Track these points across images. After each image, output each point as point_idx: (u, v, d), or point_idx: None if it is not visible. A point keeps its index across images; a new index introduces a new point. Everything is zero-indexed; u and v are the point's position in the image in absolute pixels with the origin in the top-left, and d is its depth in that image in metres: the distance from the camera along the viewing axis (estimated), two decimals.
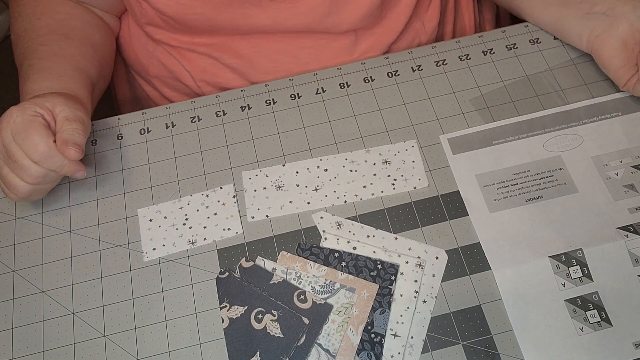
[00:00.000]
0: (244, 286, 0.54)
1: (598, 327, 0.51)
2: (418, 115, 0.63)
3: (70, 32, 0.65)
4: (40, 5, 0.65)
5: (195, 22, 0.64)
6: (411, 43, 0.72)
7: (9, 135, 0.53)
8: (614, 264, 0.53)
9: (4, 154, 0.54)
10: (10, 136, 0.53)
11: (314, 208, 0.58)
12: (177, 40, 0.69)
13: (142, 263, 0.57)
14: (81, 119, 0.55)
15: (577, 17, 0.63)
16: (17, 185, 0.54)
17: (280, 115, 0.64)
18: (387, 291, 0.53)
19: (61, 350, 0.53)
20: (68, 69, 0.61)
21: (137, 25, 0.73)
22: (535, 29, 0.68)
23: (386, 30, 0.69)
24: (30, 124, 0.53)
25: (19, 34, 0.64)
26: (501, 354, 0.51)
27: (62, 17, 0.65)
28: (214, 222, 0.58)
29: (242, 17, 0.64)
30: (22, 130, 0.52)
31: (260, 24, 0.65)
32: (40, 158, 0.52)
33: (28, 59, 0.61)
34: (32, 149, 0.52)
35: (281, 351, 0.51)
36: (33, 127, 0.52)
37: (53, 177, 0.55)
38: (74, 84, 0.61)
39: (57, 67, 0.61)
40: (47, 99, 0.55)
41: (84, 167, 0.56)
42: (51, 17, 0.64)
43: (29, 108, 0.53)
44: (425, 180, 0.59)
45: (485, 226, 0.56)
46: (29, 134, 0.52)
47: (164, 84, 0.76)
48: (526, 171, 0.59)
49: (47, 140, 0.52)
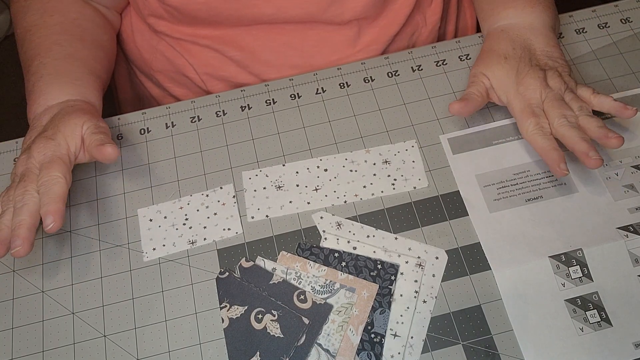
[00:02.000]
0: (244, 286, 0.54)
1: (598, 327, 0.51)
2: (418, 115, 0.63)
3: (82, 33, 0.65)
4: (51, 2, 0.64)
5: (198, 12, 0.64)
6: (411, 37, 0.72)
7: (36, 165, 0.54)
8: (614, 264, 0.53)
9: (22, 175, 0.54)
10: (38, 166, 0.53)
11: (314, 208, 0.58)
12: (180, 32, 0.69)
13: (142, 263, 0.57)
14: (104, 130, 0.57)
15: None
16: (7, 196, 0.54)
17: (280, 115, 0.64)
18: (387, 291, 0.53)
19: (61, 350, 0.53)
20: (83, 73, 0.62)
21: (139, 19, 0.73)
22: None
23: (389, 22, 0.69)
24: (58, 159, 0.54)
25: (27, 29, 0.63)
26: (501, 354, 0.51)
27: (74, 17, 0.65)
28: (214, 222, 0.58)
29: (246, 6, 0.64)
30: (47, 162, 0.53)
31: (263, 13, 0.65)
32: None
33: (40, 56, 0.61)
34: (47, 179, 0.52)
35: (281, 351, 0.51)
36: (56, 162, 0.53)
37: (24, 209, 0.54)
38: (88, 89, 0.61)
39: (73, 70, 0.61)
40: (75, 126, 0.55)
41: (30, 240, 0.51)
42: (63, 16, 0.64)
43: (62, 146, 0.54)
44: (425, 180, 0.59)
45: (485, 226, 0.56)
46: (52, 168, 0.53)
47: (168, 79, 0.76)
48: (526, 171, 0.59)
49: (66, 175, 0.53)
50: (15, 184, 0.54)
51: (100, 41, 0.67)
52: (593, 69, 0.65)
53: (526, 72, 0.58)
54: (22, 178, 0.53)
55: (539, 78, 0.57)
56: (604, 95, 0.57)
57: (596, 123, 0.54)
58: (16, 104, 1.50)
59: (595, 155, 0.52)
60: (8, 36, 1.63)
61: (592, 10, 0.70)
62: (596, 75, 0.64)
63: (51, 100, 0.59)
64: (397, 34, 0.70)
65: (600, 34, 0.68)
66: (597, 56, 0.66)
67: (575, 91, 0.58)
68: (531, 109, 0.57)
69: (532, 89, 0.57)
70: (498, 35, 0.62)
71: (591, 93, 0.57)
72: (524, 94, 0.57)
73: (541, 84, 0.57)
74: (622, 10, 0.69)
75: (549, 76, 0.57)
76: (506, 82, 0.58)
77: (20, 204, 0.51)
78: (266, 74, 0.70)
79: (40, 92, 0.59)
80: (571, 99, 0.57)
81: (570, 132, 0.54)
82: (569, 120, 0.55)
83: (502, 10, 0.63)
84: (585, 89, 0.58)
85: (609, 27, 0.68)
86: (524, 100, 0.57)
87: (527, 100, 0.57)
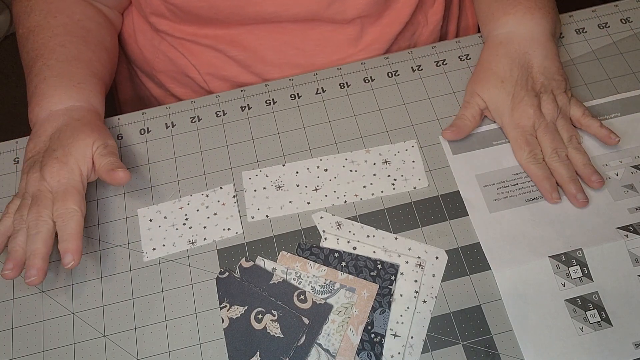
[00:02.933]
0: (244, 286, 0.54)
1: (598, 327, 0.51)
2: (418, 115, 0.63)
3: (86, 34, 0.64)
4: (55, 2, 0.64)
5: (200, 10, 0.64)
6: (412, 37, 0.72)
7: (49, 189, 0.54)
8: (614, 264, 0.53)
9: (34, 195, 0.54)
10: (50, 190, 0.54)
11: (314, 208, 0.58)
12: (182, 31, 0.69)
13: (142, 263, 0.57)
14: (112, 150, 0.57)
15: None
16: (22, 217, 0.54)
17: (280, 115, 0.64)
18: (387, 291, 0.53)
19: (61, 350, 0.53)
20: (87, 76, 0.61)
21: (141, 19, 0.73)
22: None
23: (391, 21, 0.69)
24: (72, 189, 0.54)
25: (31, 29, 0.63)
26: (501, 354, 0.51)
27: (78, 18, 0.64)
28: (214, 222, 0.58)
29: (248, 4, 0.64)
30: (62, 192, 0.53)
31: (265, 11, 0.64)
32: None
33: (44, 57, 0.61)
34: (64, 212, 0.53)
35: (281, 351, 0.51)
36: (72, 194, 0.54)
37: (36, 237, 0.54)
38: (92, 93, 0.61)
39: (76, 73, 0.61)
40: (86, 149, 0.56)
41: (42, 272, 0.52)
42: (68, 17, 0.64)
43: (75, 172, 0.55)
44: (425, 180, 0.59)
45: (485, 226, 0.56)
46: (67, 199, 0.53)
47: (170, 79, 0.76)
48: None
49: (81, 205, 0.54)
50: (26, 202, 0.54)
51: (104, 42, 0.67)
52: (593, 69, 0.65)
53: (521, 97, 0.59)
54: (35, 201, 0.53)
55: (533, 106, 0.58)
56: (592, 119, 0.59)
57: (582, 160, 0.57)
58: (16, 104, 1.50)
59: (582, 198, 0.56)
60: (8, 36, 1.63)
61: (592, 10, 0.70)
62: (596, 75, 0.64)
63: (55, 104, 0.59)
64: (399, 34, 0.70)
65: (600, 34, 0.68)
66: (597, 56, 0.66)
67: (568, 113, 0.60)
68: (525, 137, 0.58)
69: (526, 117, 0.58)
70: (497, 51, 0.62)
71: (581, 114, 0.59)
72: (518, 122, 0.59)
73: (535, 113, 0.58)
74: (622, 10, 0.69)
75: (543, 101, 0.59)
76: (501, 106, 0.60)
77: (34, 230, 0.52)
78: (268, 73, 0.70)
79: (44, 95, 0.59)
80: (562, 126, 0.59)
81: (561, 169, 0.57)
82: (559, 155, 0.57)
83: (501, 17, 0.63)
84: (577, 108, 0.60)
85: (609, 27, 0.68)
86: (518, 127, 0.59)
87: (522, 127, 0.59)
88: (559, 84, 0.60)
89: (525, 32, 0.61)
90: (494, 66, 0.61)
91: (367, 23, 0.68)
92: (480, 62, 0.63)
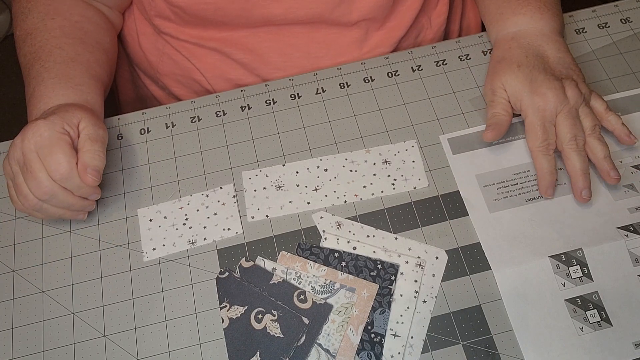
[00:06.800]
0: (244, 286, 0.54)
1: (598, 327, 0.51)
2: (418, 115, 0.63)
3: (84, 36, 0.64)
4: (53, 4, 0.64)
5: (205, 12, 0.64)
6: (416, 39, 0.72)
7: (32, 147, 0.53)
8: (614, 263, 0.53)
9: (22, 163, 0.54)
10: (33, 148, 0.53)
11: (314, 208, 0.58)
12: (187, 34, 0.69)
13: (142, 263, 0.57)
14: (102, 139, 0.56)
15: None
16: (27, 195, 0.54)
17: (280, 115, 0.64)
18: (387, 291, 0.53)
19: (61, 350, 0.53)
20: (85, 77, 0.61)
21: (144, 22, 0.72)
22: None
23: (396, 25, 0.69)
24: (57, 141, 0.53)
25: (29, 32, 0.63)
26: (501, 354, 0.51)
27: (76, 20, 0.64)
28: (214, 222, 0.58)
29: (255, 7, 0.63)
30: (47, 146, 0.53)
31: (272, 13, 0.64)
32: (60, 177, 0.53)
33: (41, 60, 0.60)
34: (55, 167, 0.52)
35: (281, 351, 0.51)
36: (59, 145, 0.53)
37: (60, 198, 0.54)
38: (90, 94, 0.61)
39: (74, 75, 0.60)
40: (74, 115, 0.55)
41: (99, 190, 0.57)
42: (66, 19, 0.63)
43: (57, 124, 0.54)
44: (425, 180, 0.59)
45: (485, 226, 0.56)
46: (53, 151, 0.53)
47: (175, 82, 0.75)
48: (526, 171, 0.59)
49: (71, 161, 0.53)
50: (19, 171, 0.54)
51: (103, 44, 0.66)
52: (593, 69, 0.65)
53: (541, 80, 0.57)
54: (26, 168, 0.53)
55: (556, 88, 0.56)
56: (615, 114, 0.58)
57: (603, 152, 0.56)
58: (16, 104, 1.50)
59: (587, 195, 0.55)
60: (8, 36, 1.63)
61: (592, 10, 0.70)
62: (596, 75, 0.64)
63: (52, 105, 0.58)
64: (403, 37, 0.70)
65: (600, 34, 0.68)
66: (597, 56, 0.66)
67: (589, 103, 0.58)
68: (543, 124, 0.56)
69: (548, 100, 0.56)
70: (509, 44, 0.61)
71: (605, 108, 0.58)
72: (539, 105, 0.57)
73: (557, 96, 0.56)
74: (622, 10, 0.69)
75: (567, 86, 0.57)
76: (520, 90, 0.58)
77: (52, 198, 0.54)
78: (273, 76, 0.70)
79: (41, 97, 0.59)
80: (586, 114, 0.57)
81: (575, 159, 0.55)
82: (577, 144, 0.56)
83: (511, 17, 0.62)
84: (599, 102, 0.58)
85: (609, 27, 0.68)
86: (538, 111, 0.57)
87: (541, 112, 0.57)
88: (578, 75, 0.59)
89: (536, 29, 0.61)
90: (508, 56, 0.60)
91: (372, 26, 0.68)
92: (493, 59, 0.62)
